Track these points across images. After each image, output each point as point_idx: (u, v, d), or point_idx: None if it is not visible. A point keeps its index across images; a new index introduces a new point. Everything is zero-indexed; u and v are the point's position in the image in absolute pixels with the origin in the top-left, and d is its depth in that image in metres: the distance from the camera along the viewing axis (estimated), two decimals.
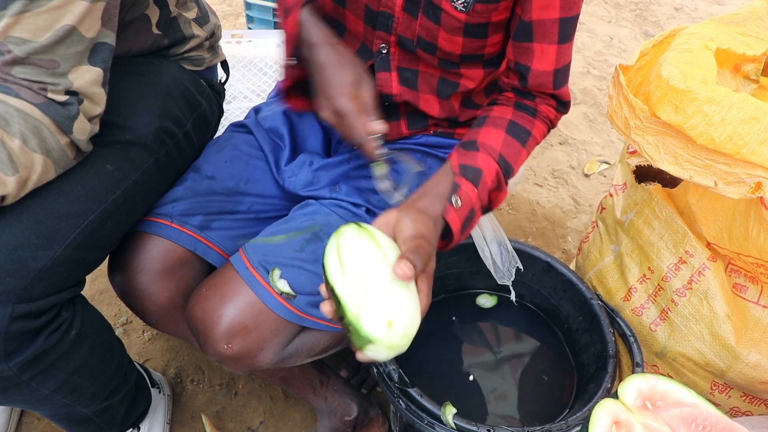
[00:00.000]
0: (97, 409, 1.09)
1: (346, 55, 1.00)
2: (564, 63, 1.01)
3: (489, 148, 0.98)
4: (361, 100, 0.98)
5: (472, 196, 0.95)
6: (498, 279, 1.30)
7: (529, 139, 1.03)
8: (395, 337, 0.75)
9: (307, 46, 1.01)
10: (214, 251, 1.11)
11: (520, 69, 1.01)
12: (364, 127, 0.96)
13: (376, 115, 0.98)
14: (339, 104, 0.97)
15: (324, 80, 0.99)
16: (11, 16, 0.78)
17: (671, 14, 3.26)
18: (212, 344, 0.99)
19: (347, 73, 0.98)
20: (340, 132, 1.00)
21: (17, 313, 0.84)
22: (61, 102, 0.84)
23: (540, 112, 1.05)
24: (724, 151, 0.99)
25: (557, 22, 0.95)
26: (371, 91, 0.99)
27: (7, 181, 0.81)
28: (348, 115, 0.97)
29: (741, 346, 1.17)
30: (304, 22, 1.02)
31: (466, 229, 0.97)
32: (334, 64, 0.99)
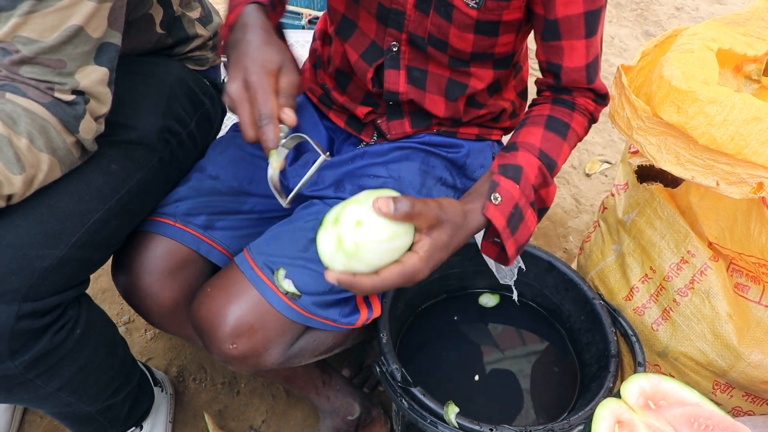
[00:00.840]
0: (100, 408, 1.09)
1: (276, 41, 0.90)
2: (594, 56, 1.01)
3: (528, 146, 0.98)
4: (279, 82, 0.86)
5: (514, 193, 0.93)
6: (500, 279, 1.30)
7: (569, 131, 1.02)
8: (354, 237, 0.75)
9: (241, 28, 0.91)
10: (218, 251, 1.11)
11: (552, 68, 1.02)
12: (272, 107, 0.83)
13: (290, 104, 0.86)
14: (252, 76, 0.84)
15: (243, 53, 0.87)
16: (20, 16, 0.79)
17: (672, 14, 3.26)
18: (217, 344, 0.99)
19: (273, 51, 0.87)
20: (239, 112, 0.85)
21: (23, 311, 0.84)
22: (68, 101, 0.85)
23: (578, 105, 1.04)
24: (725, 151, 0.99)
25: (582, 16, 0.94)
26: (292, 80, 0.87)
27: (14, 180, 0.81)
28: (259, 88, 0.83)
29: (743, 346, 1.17)
30: (247, 11, 0.92)
31: (517, 227, 0.94)
32: (263, 42, 0.88)
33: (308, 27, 2.29)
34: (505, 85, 1.17)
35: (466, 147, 1.18)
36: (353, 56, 1.09)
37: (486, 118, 1.18)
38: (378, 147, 1.16)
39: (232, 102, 0.86)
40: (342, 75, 1.16)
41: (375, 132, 1.18)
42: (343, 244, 0.76)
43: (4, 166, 0.80)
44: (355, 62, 1.09)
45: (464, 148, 1.17)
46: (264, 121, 0.83)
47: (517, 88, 1.21)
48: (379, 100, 1.13)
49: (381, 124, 1.16)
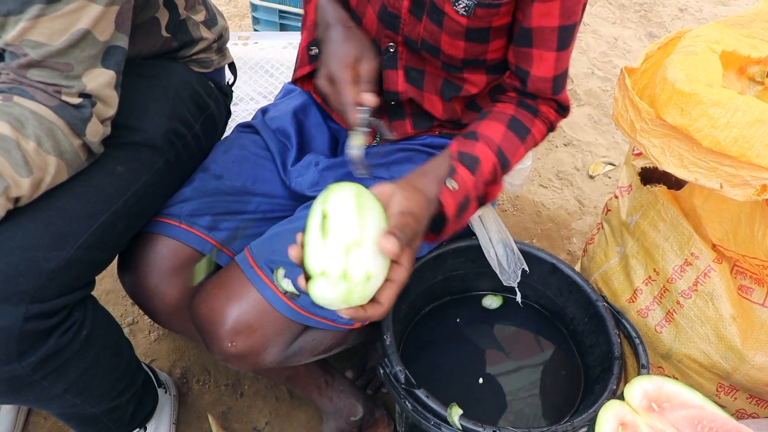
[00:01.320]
0: (105, 409, 1.10)
1: (355, 33, 1.03)
2: (562, 69, 1.02)
3: (488, 140, 0.99)
4: (357, 72, 0.99)
5: (468, 183, 0.95)
6: (504, 281, 1.30)
7: (528, 136, 1.04)
8: (336, 280, 0.74)
9: (324, 26, 1.05)
10: (222, 251, 1.11)
11: (520, 73, 1.02)
12: (351, 95, 0.97)
13: (370, 88, 0.99)
14: (333, 70, 0.99)
15: (328, 51, 1.02)
16: (28, 20, 0.79)
17: (676, 15, 3.26)
18: (217, 342, 0.99)
19: (350, 45, 1.01)
20: (330, 100, 1.01)
21: (31, 313, 0.85)
22: (75, 104, 0.85)
23: (541, 112, 1.05)
24: (729, 153, 0.99)
25: (556, 30, 0.95)
26: (371, 67, 1.01)
27: (22, 182, 0.82)
28: (340, 81, 0.98)
29: (747, 348, 1.17)
30: (322, 5, 1.06)
31: (461, 216, 0.97)
32: (342, 38, 1.02)
33: None
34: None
35: None
36: None
37: None
38: (380, 148, 1.17)
39: (324, 95, 1.03)
40: None
41: (378, 133, 1.19)
42: (353, 297, 0.75)
43: (12, 169, 0.80)
44: None
45: None
46: (345, 107, 0.98)
47: None
48: (381, 101, 1.13)
49: None
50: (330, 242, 0.74)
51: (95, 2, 0.82)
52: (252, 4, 2.18)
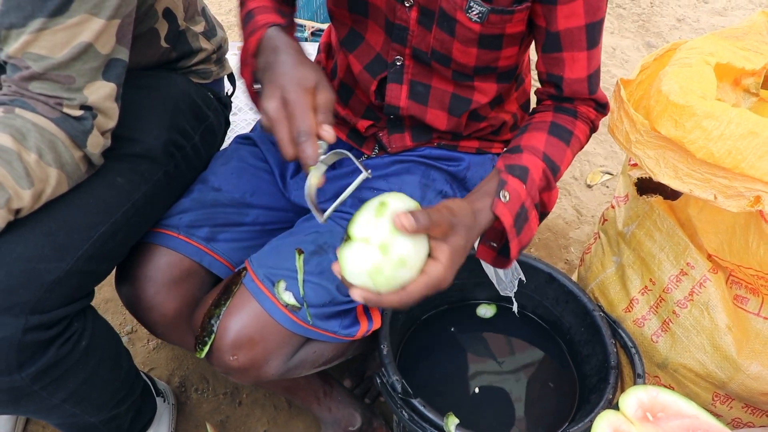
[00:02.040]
0: (104, 419, 1.10)
1: (310, 62, 0.91)
2: (596, 67, 1.02)
3: (533, 149, 0.98)
4: (316, 99, 0.86)
5: (521, 192, 0.93)
6: (501, 290, 1.31)
7: (572, 138, 1.03)
8: (374, 248, 0.75)
9: (272, 51, 0.91)
10: (220, 263, 1.12)
11: (553, 80, 1.02)
12: (311, 124, 0.82)
13: (329, 120, 0.86)
14: (290, 93, 0.84)
15: (279, 73, 0.87)
16: (30, 33, 0.80)
17: (673, 25, 3.27)
18: (218, 355, 1.00)
19: (308, 70, 0.87)
20: (277, 130, 0.84)
21: (30, 324, 0.85)
22: (76, 117, 0.86)
23: (581, 113, 1.05)
24: (723, 165, 1.00)
25: (584, 28, 0.95)
26: (330, 97, 0.87)
27: (23, 194, 0.83)
28: (297, 106, 0.83)
29: (742, 358, 1.17)
30: (271, 35, 0.93)
31: (522, 228, 0.94)
32: (297, 61, 0.88)
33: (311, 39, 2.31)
34: (507, 97, 1.17)
35: (466, 160, 1.19)
36: (357, 67, 1.10)
37: (486, 131, 1.19)
38: (379, 160, 1.17)
39: (270, 121, 0.85)
40: (345, 88, 1.17)
41: (376, 145, 1.19)
42: (381, 274, 0.76)
43: (13, 181, 0.81)
44: (359, 73, 1.10)
45: (465, 162, 1.18)
46: (302, 138, 0.82)
47: (519, 100, 1.22)
48: (380, 113, 1.14)
49: (382, 138, 1.17)
50: (381, 220, 0.75)
51: (97, 16, 0.83)
52: None
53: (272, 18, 0.96)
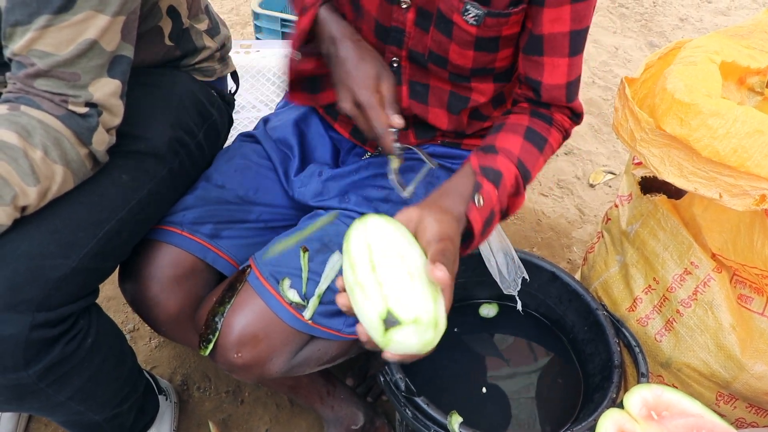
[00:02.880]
0: (107, 416, 1.10)
1: (367, 50, 1.01)
2: (575, 76, 1.01)
3: (508, 153, 0.98)
4: (381, 94, 0.98)
5: (493, 197, 0.94)
6: (504, 289, 1.31)
7: (546, 146, 1.03)
8: (425, 327, 0.72)
9: (330, 41, 1.02)
10: (224, 260, 1.12)
11: (531, 84, 1.02)
12: (384, 120, 0.96)
13: (395, 109, 0.98)
14: (360, 96, 0.97)
15: (346, 72, 0.99)
16: (36, 30, 0.80)
17: (676, 25, 3.27)
18: (222, 353, 0.99)
19: (369, 66, 0.98)
20: (358, 123, 1.00)
21: (37, 321, 0.85)
22: (82, 114, 0.86)
23: (556, 121, 1.05)
24: (728, 163, 1.00)
25: (568, 35, 0.95)
26: (391, 86, 0.99)
27: (29, 191, 0.83)
28: (369, 107, 0.97)
29: (746, 357, 1.17)
30: (323, 18, 1.02)
31: (486, 231, 0.96)
32: (357, 57, 0.99)
33: None
34: (509, 96, 1.17)
35: None
36: None
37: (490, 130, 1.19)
38: (382, 158, 1.17)
39: (352, 115, 1.00)
40: None
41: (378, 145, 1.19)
42: (432, 344, 0.74)
43: (19, 178, 0.81)
44: None
45: None
46: (379, 134, 0.97)
47: None
48: None
49: None
50: (415, 284, 0.73)
51: (102, 12, 0.83)
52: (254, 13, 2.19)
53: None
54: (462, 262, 0.87)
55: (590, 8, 0.95)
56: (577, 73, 1.01)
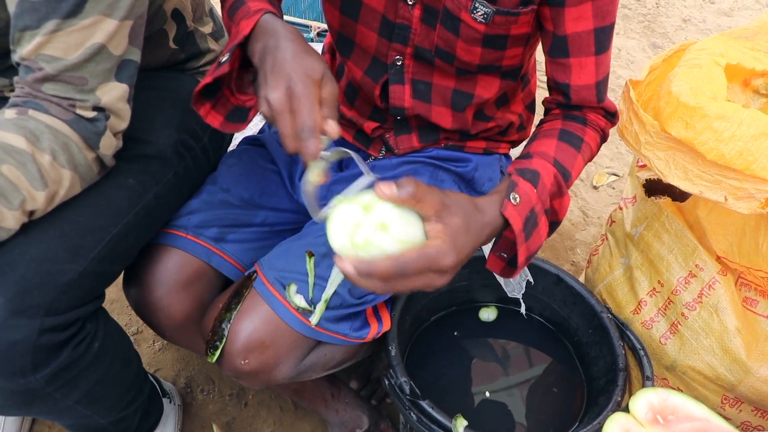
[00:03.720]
0: (113, 420, 1.10)
1: (313, 50, 0.86)
2: (604, 74, 0.99)
3: (543, 155, 0.95)
4: (321, 92, 0.82)
5: (532, 196, 0.88)
6: (508, 292, 1.31)
7: (583, 144, 1.00)
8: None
9: (271, 34, 0.86)
10: (229, 263, 1.12)
11: (561, 87, 1.00)
12: (315, 117, 0.79)
13: (334, 115, 0.82)
14: (297, 85, 0.79)
15: (282, 60, 0.82)
16: (44, 35, 0.80)
17: (679, 26, 3.27)
18: (229, 360, 0.99)
19: (314, 60, 0.83)
20: (280, 123, 0.80)
21: (45, 326, 0.85)
22: (89, 118, 0.86)
23: (590, 120, 1.03)
24: (734, 166, 1.00)
25: (592, 33, 0.93)
26: (334, 90, 0.83)
27: (37, 196, 0.83)
28: (303, 97, 0.79)
29: (752, 360, 1.17)
30: (268, 19, 0.88)
31: (531, 233, 0.89)
32: (301, 49, 0.83)
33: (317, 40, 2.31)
34: (512, 97, 1.17)
35: (474, 161, 1.18)
36: (358, 73, 1.10)
37: (493, 132, 1.18)
38: (386, 162, 1.17)
39: (273, 111, 0.81)
40: (350, 89, 1.17)
41: (383, 147, 1.19)
42: (362, 234, 0.72)
43: (27, 183, 0.81)
44: (361, 79, 1.10)
45: (472, 162, 1.18)
46: (306, 133, 0.79)
47: (525, 101, 1.21)
48: (387, 115, 1.13)
49: (389, 139, 1.16)
50: (368, 192, 0.75)
51: (110, 17, 0.83)
52: None
53: (265, 5, 0.92)
54: (467, 265, 0.84)
55: (614, 3, 0.93)
56: (605, 71, 0.99)
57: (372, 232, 0.72)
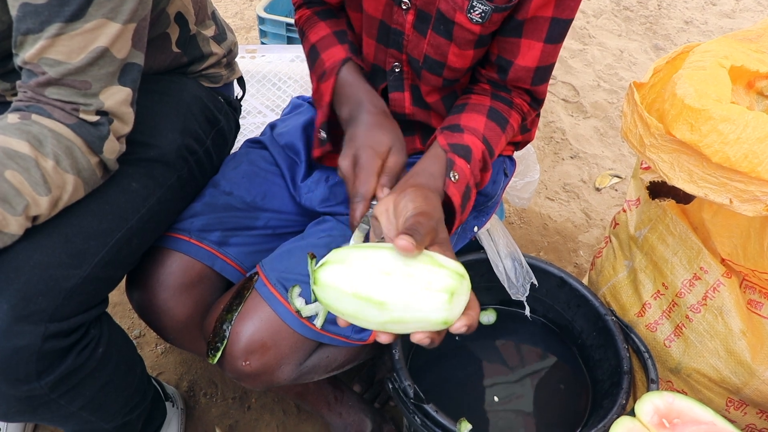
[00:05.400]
0: (116, 425, 1.09)
1: (390, 120, 0.98)
2: (547, 63, 1.01)
3: (473, 130, 0.98)
4: (385, 163, 0.92)
5: (466, 171, 0.93)
6: (512, 295, 1.30)
7: (507, 126, 1.03)
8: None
9: (355, 103, 0.99)
10: (232, 267, 1.12)
11: (502, 63, 1.01)
12: (371, 185, 0.89)
13: (390, 183, 0.91)
14: (362, 155, 0.91)
15: (358, 133, 0.95)
16: (47, 38, 0.80)
17: (681, 27, 3.27)
18: (231, 361, 0.99)
19: (384, 133, 0.94)
20: (347, 185, 0.93)
21: (50, 332, 0.85)
22: (93, 122, 0.86)
23: (516, 104, 1.05)
24: (739, 169, 0.99)
25: (548, 21, 0.95)
26: (400, 160, 0.93)
27: (41, 201, 0.82)
28: (365, 168, 0.90)
29: (757, 363, 1.17)
30: (347, 81, 1.00)
31: (466, 206, 0.95)
32: (376, 123, 0.96)
33: None
34: None
35: None
36: None
37: None
38: None
39: (343, 177, 0.93)
40: None
41: None
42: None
43: (31, 188, 0.81)
44: None
45: None
46: (356, 199, 0.88)
47: None
48: None
49: None
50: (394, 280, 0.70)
51: (114, 20, 0.82)
52: (259, 17, 2.19)
53: (336, 54, 1.02)
54: (470, 267, 0.85)
55: (577, 2, 0.95)
56: (549, 60, 1.01)
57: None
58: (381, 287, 0.70)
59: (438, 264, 0.71)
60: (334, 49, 1.04)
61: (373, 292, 0.70)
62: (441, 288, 0.69)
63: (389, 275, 0.70)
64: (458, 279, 0.70)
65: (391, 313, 0.70)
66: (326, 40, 1.06)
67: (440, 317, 0.69)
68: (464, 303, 0.71)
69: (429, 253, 0.73)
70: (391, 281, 0.70)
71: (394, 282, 0.70)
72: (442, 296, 0.68)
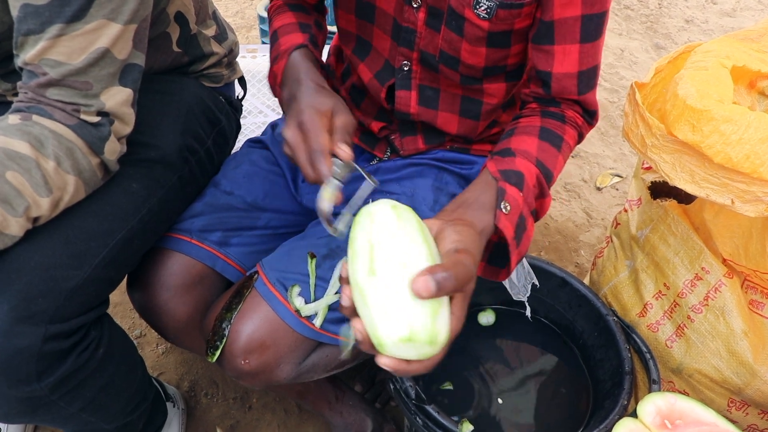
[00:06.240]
0: (117, 426, 1.09)
1: (330, 91, 0.94)
2: (589, 65, 0.96)
3: (525, 153, 0.92)
4: (331, 122, 0.88)
5: (519, 200, 0.87)
6: (514, 295, 1.30)
7: (563, 144, 0.97)
8: (421, 344, 0.63)
9: (294, 82, 0.95)
10: (233, 267, 1.12)
11: (542, 75, 0.98)
12: (324, 142, 0.85)
13: (346, 139, 0.87)
14: (305, 117, 0.87)
15: (297, 103, 0.91)
16: (48, 39, 0.79)
17: (682, 26, 3.26)
18: (230, 359, 0.99)
19: (324, 97, 0.91)
20: (297, 156, 0.87)
21: (50, 333, 0.84)
22: (94, 123, 0.86)
23: (568, 118, 1.00)
24: (741, 169, 0.99)
25: (579, 19, 0.91)
26: (348, 120, 0.89)
27: (42, 202, 0.82)
28: (311, 128, 0.86)
29: (758, 363, 1.16)
30: (294, 62, 0.97)
31: (521, 238, 0.88)
32: (314, 91, 0.92)
33: None
34: (518, 100, 1.17)
35: (479, 164, 1.18)
36: (367, 76, 1.10)
37: (499, 135, 1.18)
38: (391, 163, 1.17)
39: (290, 148, 0.88)
40: (356, 90, 1.17)
41: (388, 148, 1.19)
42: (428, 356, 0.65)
43: (32, 189, 0.81)
44: (369, 81, 1.10)
45: (477, 165, 1.18)
46: (315, 155, 0.85)
47: None
48: (393, 116, 1.13)
49: (394, 140, 1.16)
50: (411, 300, 0.63)
51: (114, 21, 0.82)
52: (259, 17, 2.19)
53: (293, 39, 1.00)
54: None
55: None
56: (591, 62, 0.96)
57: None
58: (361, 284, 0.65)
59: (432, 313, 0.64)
60: (293, 35, 1.02)
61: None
62: (403, 328, 0.62)
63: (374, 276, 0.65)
64: (424, 344, 0.63)
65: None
66: (289, 27, 1.05)
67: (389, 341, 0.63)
68: (415, 355, 0.65)
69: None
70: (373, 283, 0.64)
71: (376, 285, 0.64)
72: (401, 334, 0.62)
